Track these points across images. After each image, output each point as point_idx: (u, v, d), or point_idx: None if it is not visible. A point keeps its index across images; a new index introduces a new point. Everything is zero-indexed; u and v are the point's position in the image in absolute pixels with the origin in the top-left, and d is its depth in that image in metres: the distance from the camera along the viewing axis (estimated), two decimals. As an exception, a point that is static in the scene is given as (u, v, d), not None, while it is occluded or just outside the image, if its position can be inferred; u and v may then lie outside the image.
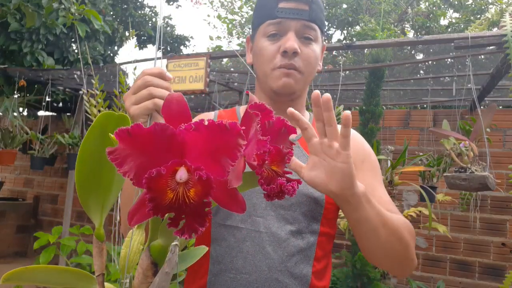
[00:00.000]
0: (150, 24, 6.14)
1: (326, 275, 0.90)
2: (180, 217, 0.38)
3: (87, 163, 0.53)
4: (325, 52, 1.02)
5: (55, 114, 5.26)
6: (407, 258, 0.80)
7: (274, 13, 0.87)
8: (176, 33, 6.67)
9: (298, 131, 0.95)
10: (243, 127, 0.38)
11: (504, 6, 2.62)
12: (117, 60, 5.46)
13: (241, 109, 1.02)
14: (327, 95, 0.64)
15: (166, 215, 0.39)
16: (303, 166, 0.69)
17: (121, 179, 0.56)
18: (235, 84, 3.78)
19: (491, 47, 2.30)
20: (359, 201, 0.68)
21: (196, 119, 1.09)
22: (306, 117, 0.99)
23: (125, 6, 5.66)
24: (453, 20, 6.77)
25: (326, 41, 7.41)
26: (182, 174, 0.37)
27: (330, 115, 0.65)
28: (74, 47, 4.58)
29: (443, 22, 6.77)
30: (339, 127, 0.99)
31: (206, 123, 0.37)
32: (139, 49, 6.29)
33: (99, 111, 2.64)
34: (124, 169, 0.38)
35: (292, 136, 0.94)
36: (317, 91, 0.64)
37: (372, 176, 0.91)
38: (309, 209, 0.86)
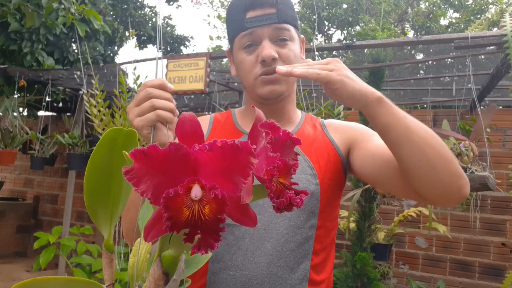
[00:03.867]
0: (150, 24, 6.14)
1: (326, 268, 0.91)
2: (195, 233, 0.40)
3: (96, 176, 0.55)
4: (325, 52, 1.02)
5: (55, 114, 5.26)
6: (452, 171, 0.74)
7: (243, 25, 0.88)
8: (176, 33, 6.66)
9: (291, 127, 0.97)
10: (254, 146, 0.39)
11: (504, 6, 2.62)
12: (117, 60, 5.47)
13: (237, 112, 1.02)
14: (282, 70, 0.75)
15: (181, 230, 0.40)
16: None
17: (128, 191, 0.57)
18: (235, 84, 3.78)
19: (491, 47, 2.30)
20: (374, 108, 0.74)
21: None
22: (298, 116, 1.00)
23: (125, 6, 5.66)
24: (453, 20, 6.78)
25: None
26: (197, 191, 0.39)
27: (306, 70, 0.73)
28: (74, 47, 4.58)
29: (443, 22, 6.78)
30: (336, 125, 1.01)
31: (219, 143, 0.39)
32: (139, 49, 6.30)
33: (99, 111, 2.64)
34: (142, 189, 0.40)
35: (290, 129, 0.96)
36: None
37: (371, 141, 0.91)
38: (306, 204, 0.87)
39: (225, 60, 7.29)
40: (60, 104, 5.18)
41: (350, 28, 7.15)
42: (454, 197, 0.76)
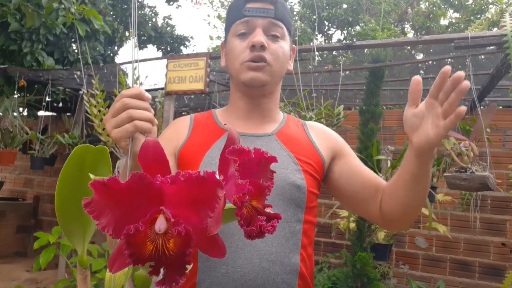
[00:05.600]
0: (150, 24, 6.14)
1: (311, 262, 0.94)
2: (160, 267, 0.38)
3: (66, 193, 0.53)
4: (325, 52, 1.04)
5: (55, 114, 5.26)
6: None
7: (242, 13, 0.93)
8: (176, 33, 6.66)
9: (274, 125, 0.99)
10: (221, 176, 0.38)
11: (504, 6, 2.62)
12: (117, 60, 5.47)
13: (218, 112, 1.04)
14: (461, 74, 0.68)
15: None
16: (410, 108, 0.79)
17: None
18: (235, 84, 3.78)
19: (491, 47, 2.30)
20: (431, 158, 0.80)
21: (171, 125, 1.11)
22: (280, 117, 1.02)
23: (125, 6, 5.66)
24: (453, 20, 6.78)
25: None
26: (161, 224, 0.37)
27: (457, 98, 0.69)
28: (74, 47, 4.58)
29: (443, 22, 6.77)
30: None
31: (182, 176, 0.36)
32: (139, 49, 6.30)
33: (99, 111, 2.64)
34: (102, 223, 0.37)
35: (274, 126, 0.99)
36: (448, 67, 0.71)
37: (355, 158, 1.02)
38: (293, 198, 0.88)
39: (225, 60, 7.28)
40: (60, 104, 5.18)
41: (350, 28, 7.15)
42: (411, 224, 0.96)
